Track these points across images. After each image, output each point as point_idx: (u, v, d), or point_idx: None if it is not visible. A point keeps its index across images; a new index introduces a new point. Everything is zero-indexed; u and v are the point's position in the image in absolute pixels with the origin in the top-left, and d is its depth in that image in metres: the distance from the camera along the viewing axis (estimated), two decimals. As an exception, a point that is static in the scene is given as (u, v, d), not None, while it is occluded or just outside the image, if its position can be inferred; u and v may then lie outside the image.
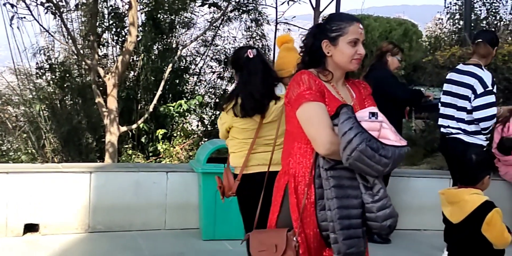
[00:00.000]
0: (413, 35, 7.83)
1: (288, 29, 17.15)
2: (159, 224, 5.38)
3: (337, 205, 2.27)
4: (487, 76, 4.51)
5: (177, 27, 13.01)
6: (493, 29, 12.42)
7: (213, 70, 15.89)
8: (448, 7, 14.28)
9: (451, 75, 4.78)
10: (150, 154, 10.61)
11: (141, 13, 12.00)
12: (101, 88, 9.77)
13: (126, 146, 10.65)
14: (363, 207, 2.32)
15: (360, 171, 2.27)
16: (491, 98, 4.48)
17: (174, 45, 12.74)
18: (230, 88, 16.83)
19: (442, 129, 4.81)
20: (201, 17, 13.81)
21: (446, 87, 4.79)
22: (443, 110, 4.82)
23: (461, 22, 12.94)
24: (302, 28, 19.31)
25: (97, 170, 5.39)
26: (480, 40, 4.63)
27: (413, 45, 7.92)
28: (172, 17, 12.74)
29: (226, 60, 16.06)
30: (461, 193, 3.36)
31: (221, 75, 16.25)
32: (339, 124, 2.24)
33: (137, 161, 10.08)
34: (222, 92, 15.99)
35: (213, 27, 13.41)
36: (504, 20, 14.50)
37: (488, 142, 4.72)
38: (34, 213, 5.16)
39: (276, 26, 17.02)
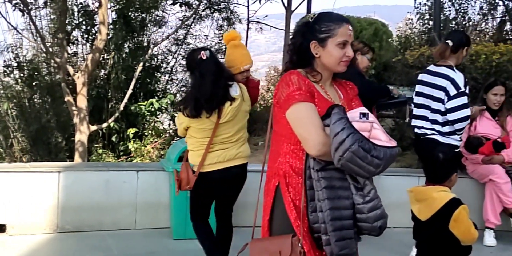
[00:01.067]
0: (383, 34, 7.90)
1: (260, 28, 17.20)
2: (130, 224, 5.33)
3: (329, 206, 2.24)
4: (459, 78, 4.52)
5: (148, 25, 12.93)
6: (462, 29, 12.63)
7: (185, 69, 15.82)
8: (418, 7, 14.47)
9: (422, 76, 4.80)
10: (121, 153, 10.52)
11: (112, 11, 11.89)
12: (70, 87, 9.65)
13: (97, 145, 10.54)
14: (354, 208, 2.30)
15: (351, 172, 2.25)
16: (464, 100, 4.50)
17: (145, 44, 12.65)
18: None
19: (416, 130, 4.84)
20: (172, 16, 13.77)
21: (418, 88, 4.80)
22: (416, 111, 4.84)
23: (431, 22, 13.13)
24: (274, 27, 19.37)
25: (65, 170, 5.32)
26: (447, 41, 4.66)
27: (383, 44, 7.99)
28: (143, 15, 12.65)
29: (198, 58, 16.00)
30: (429, 191, 3.40)
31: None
32: (331, 124, 2.21)
33: (107, 161, 9.99)
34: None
35: (185, 26, 13.37)
36: (472, 20, 14.75)
37: (461, 142, 4.77)
38: (1, 213, 5.06)
39: (248, 25, 17.07)
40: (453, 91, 4.48)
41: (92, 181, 5.34)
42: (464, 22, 14.06)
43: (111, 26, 11.49)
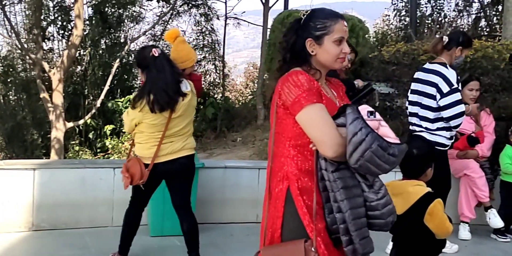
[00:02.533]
0: (359, 31, 7.92)
1: (238, 23, 17.20)
2: (106, 221, 5.29)
3: (349, 206, 2.20)
4: (451, 74, 4.52)
5: (125, 21, 12.85)
6: (438, 26, 12.77)
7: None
8: (395, 4, 14.60)
9: (417, 74, 4.79)
10: (98, 150, 10.45)
11: (88, 7, 11.79)
12: (46, 83, 9.56)
13: (73, 142, 10.46)
14: (365, 206, 2.27)
15: (366, 172, 2.22)
16: (457, 96, 4.50)
17: (122, 40, 12.58)
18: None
19: (410, 126, 4.88)
20: (150, 11, 13.73)
21: (413, 86, 4.81)
22: (410, 108, 4.86)
23: (407, 19, 13.23)
24: (252, 23, 19.36)
25: (41, 167, 5.26)
26: (444, 36, 4.67)
27: (360, 40, 8.03)
28: (120, 11, 12.57)
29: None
30: (404, 185, 3.43)
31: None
32: (348, 125, 2.16)
33: (84, 158, 9.91)
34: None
35: (162, 22, 13.33)
36: (448, 17, 14.91)
37: (452, 141, 4.74)
38: (-25, 212, 4.99)
39: (225, 21, 17.05)
40: (445, 88, 4.47)
41: (68, 179, 5.29)
42: (440, 19, 14.21)
43: (87, 22, 11.40)
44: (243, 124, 13.87)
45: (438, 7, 14.68)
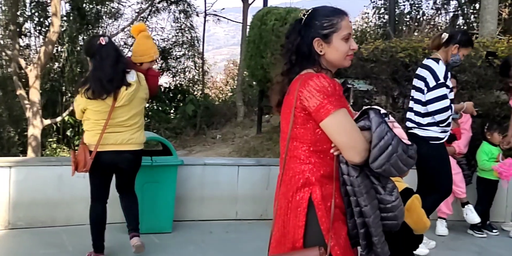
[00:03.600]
0: (339, 28, 7.95)
1: (218, 19, 17.17)
2: (83, 219, 5.20)
3: (373, 211, 2.19)
4: (440, 69, 4.54)
5: (104, 17, 12.76)
6: (416, 24, 12.87)
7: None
8: (374, 1, 14.70)
9: (417, 69, 4.81)
10: (76, 147, 10.35)
11: (65, 3, 11.66)
12: (23, 80, 9.45)
13: (51, 139, 10.36)
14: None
15: (386, 175, 2.19)
16: (443, 91, 4.51)
17: (100, 36, 12.47)
18: (160, 80, 16.70)
19: (406, 123, 4.89)
20: (128, 8, 13.68)
21: (413, 81, 4.83)
22: (410, 103, 4.86)
23: (386, 17, 13.33)
24: (231, 20, 19.34)
25: (17, 165, 5.19)
26: (444, 33, 4.69)
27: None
28: (98, 7, 12.47)
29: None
30: (382, 182, 3.45)
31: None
32: (374, 129, 2.14)
33: (62, 155, 9.82)
34: (151, 84, 15.82)
35: (141, 18, 13.25)
36: (426, 14, 15.05)
37: (446, 134, 4.74)
38: (-50, 211, 4.91)
39: (205, 17, 17.01)
40: (432, 83, 4.50)
41: (45, 176, 5.23)
42: (418, 17, 14.33)
43: (65, 18, 11.27)
44: (223, 121, 13.87)
45: (417, 5, 14.82)
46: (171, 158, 5.11)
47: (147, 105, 14.99)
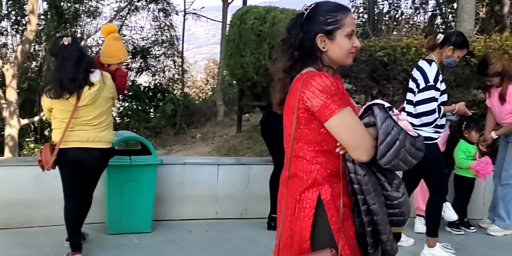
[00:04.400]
0: (318, 27, 7.98)
1: (197, 16, 17.13)
2: (62, 220, 5.14)
3: (381, 208, 2.16)
4: (431, 71, 4.50)
5: (82, 16, 12.65)
6: (395, 23, 12.97)
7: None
8: (353, 1, 14.76)
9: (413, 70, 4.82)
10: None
11: (43, 1, 11.55)
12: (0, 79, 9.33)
13: (28, 139, 10.25)
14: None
15: (395, 169, 2.16)
16: (432, 93, 4.48)
17: (79, 35, 12.37)
18: (139, 79, 16.62)
19: None
20: (107, 6, 13.55)
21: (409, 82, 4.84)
22: (405, 103, 4.87)
23: (365, 16, 13.40)
24: (211, 19, 19.29)
25: (-6, 165, 5.13)
26: (440, 34, 4.67)
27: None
28: (76, 5, 12.36)
29: (134, 50, 15.79)
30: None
31: (129, 66, 15.98)
32: (380, 125, 2.11)
33: (40, 155, 9.69)
34: (130, 83, 15.74)
35: (120, 17, 13.17)
36: (405, 14, 15.17)
37: (440, 134, 4.67)
38: None
39: (184, 16, 16.96)
40: (422, 84, 4.48)
41: (22, 176, 5.17)
42: (397, 16, 14.43)
43: (42, 17, 11.15)
44: (203, 121, 13.84)
45: (395, 5, 14.91)
46: (150, 157, 5.09)
47: (126, 104, 14.93)
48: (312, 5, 2.27)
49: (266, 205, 5.55)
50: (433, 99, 4.46)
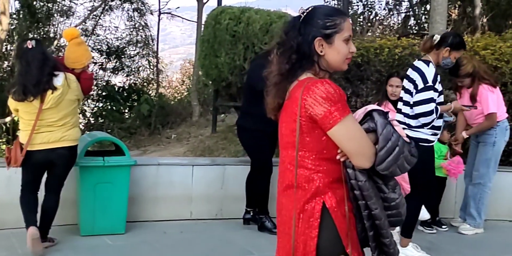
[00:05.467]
0: (292, 28, 8.00)
1: (172, 16, 17.06)
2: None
3: (383, 213, 2.17)
4: (429, 72, 4.50)
5: (55, 15, 12.52)
6: (369, 24, 13.08)
7: (95, 61, 15.43)
8: (327, 2, 14.84)
9: (408, 71, 4.79)
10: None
11: (15, 0, 11.38)
12: (-30, 79, 9.17)
13: (0, 140, 10.09)
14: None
15: (391, 175, 2.18)
16: (430, 94, 4.47)
17: (52, 34, 12.24)
18: (114, 79, 16.50)
19: None
20: (80, 6, 13.40)
21: (403, 82, 4.82)
22: (398, 104, 4.85)
23: (340, 17, 13.48)
24: (186, 19, 19.24)
25: (-36, 166, 5.03)
26: (436, 35, 4.67)
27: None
28: (49, 5, 12.22)
29: (108, 50, 15.67)
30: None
31: (103, 66, 15.84)
32: (381, 131, 2.12)
33: (12, 156, 9.56)
34: (104, 84, 15.62)
35: (94, 16, 13.05)
36: (379, 15, 15.31)
37: (436, 137, 4.68)
38: None
39: (159, 16, 16.89)
40: (420, 85, 4.46)
41: (-7, 178, 5.09)
42: (371, 17, 14.57)
43: (14, 16, 10.99)
44: (178, 121, 13.78)
45: (370, 6, 15.05)
46: (123, 158, 5.05)
47: (101, 104, 14.81)
48: (310, 8, 2.25)
49: (241, 206, 5.55)
50: (431, 100, 4.44)
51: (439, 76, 4.55)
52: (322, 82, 2.10)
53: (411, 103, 4.55)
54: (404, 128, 4.56)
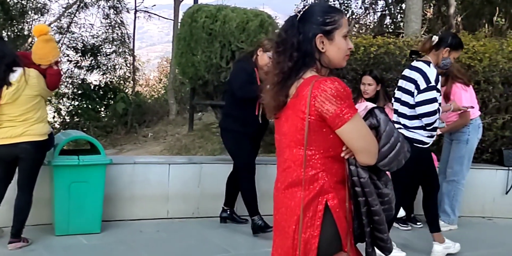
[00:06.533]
0: (269, 26, 7.99)
1: (149, 15, 16.95)
2: (7, 221, 5.02)
3: (381, 209, 2.20)
4: (431, 73, 4.50)
5: (29, 12, 12.37)
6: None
7: (70, 59, 15.28)
8: (305, 0, 14.92)
9: (404, 71, 4.77)
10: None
11: (-13, -3, 11.21)
12: None
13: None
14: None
15: (390, 170, 2.23)
16: (433, 94, 4.46)
17: (26, 32, 12.09)
18: (89, 77, 16.34)
19: None
20: (55, 3, 13.27)
21: (399, 83, 4.80)
22: (394, 105, 4.83)
23: (317, 15, 13.54)
24: (162, 17, 19.13)
25: None
26: (434, 36, 4.67)
27: (269, 36, 8.14)
28: (23, 2, 12.07)
29: (83, 48, 15.53)
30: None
31: (79, 64, 15.70)
32: (385, 128, 2.16)
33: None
34: (80, 82, 15.47)
35: (68, 14, 12.91)
36: (355, 14, 15.42)
37: (432, 139, 4.69)
38: None
39: (135, 14, 16.78)
40: (423, 85, 4.46)
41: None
42: (347, 16, 14.65)
43: (-13, 13, 10.83)
44: (155, 119, 13.71)
45: (346, 4, 15.15)
46: (99, 157, 5.01)
47: (76, 103, 14.66)
48: (307, 7, 2.26)
49: (218, 204, 5.55)
50: (434, 100, 4.44)
51: (440, 76, 4.56)
52: (332, 80, 2.10)
53: (413, 103, 4.54)
54: (399, 128, 4.60)
